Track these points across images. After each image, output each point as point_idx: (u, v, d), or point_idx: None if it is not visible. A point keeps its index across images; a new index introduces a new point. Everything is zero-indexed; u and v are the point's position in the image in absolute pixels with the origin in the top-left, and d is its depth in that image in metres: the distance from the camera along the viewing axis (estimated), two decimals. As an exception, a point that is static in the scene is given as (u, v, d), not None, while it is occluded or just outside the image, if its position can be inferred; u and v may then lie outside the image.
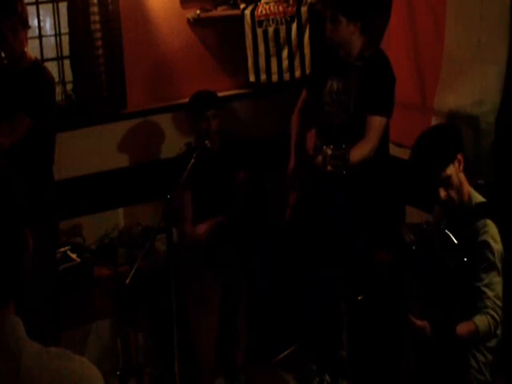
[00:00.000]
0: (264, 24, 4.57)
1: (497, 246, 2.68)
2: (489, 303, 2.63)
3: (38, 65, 3.49)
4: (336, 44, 3.50)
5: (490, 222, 2.71)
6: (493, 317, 2.63)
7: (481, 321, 2.63)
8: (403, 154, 4.12)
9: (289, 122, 3.95)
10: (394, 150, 4.18)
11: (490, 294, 2.64)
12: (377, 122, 3.39)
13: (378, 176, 3.52)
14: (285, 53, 4.60)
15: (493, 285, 2.64)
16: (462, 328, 2.62)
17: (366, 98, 3.39)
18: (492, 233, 2.69)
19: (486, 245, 2.67)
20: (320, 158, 3.17)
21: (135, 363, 3.78)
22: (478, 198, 2.82)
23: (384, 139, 3.52)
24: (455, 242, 2.61)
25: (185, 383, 3.71)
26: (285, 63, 4.62)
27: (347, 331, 3.71)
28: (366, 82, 3.40)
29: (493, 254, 2.66)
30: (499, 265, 2.67)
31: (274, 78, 4.65)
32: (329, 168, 3.10)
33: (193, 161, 3.55)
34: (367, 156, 3.37)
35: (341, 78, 3.53)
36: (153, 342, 4.21)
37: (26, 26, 3.39)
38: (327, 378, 3.75)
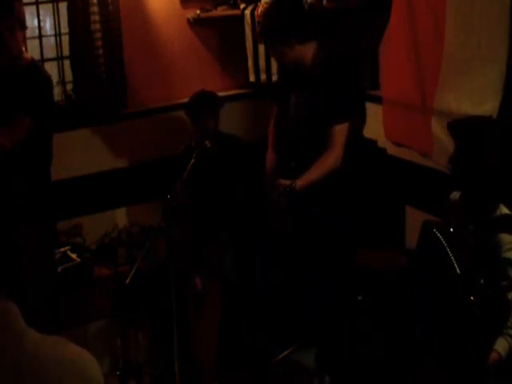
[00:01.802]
0: (264, 24, 4.56)
1: None
2: (508, 323, 2.63)
3: (36, 65, 3.49)
4: (291, 65, 3.51)
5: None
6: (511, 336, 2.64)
7: (502, 346, 2.62)
8: (403, 153, 4.13)
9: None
10: (394, 150, 4.19)
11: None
12: (336, 131, 3.38)
13: (358, 175, 3.54)
14: (285, 53, 4.60)
15: None
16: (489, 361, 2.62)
17: (322, 109, 3.39)
18: None
19: (510, 263, 2.65)
20: (275, 193, 3.35)
21: (135, 363, 3.79)
22: (503, 208, 2.80)
23: (355, 139, 3.51)
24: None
25: (185, 383, 3.72)
26: (285, 63, 4.61)
27: (347, 332, 3.72)
28: (320, 92, 3.40)
29: None
30: None
31: (274, 78, 4.65)
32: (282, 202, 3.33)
33: (193, 161, 3.56)
34: (332, 167, 3.38)
35: (301, 90, 3.54)
36: (153, 342, 4.21)
37: (23, 26, 3.39)
38: (327, 378, 3.75)
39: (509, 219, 2.75)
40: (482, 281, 2.57)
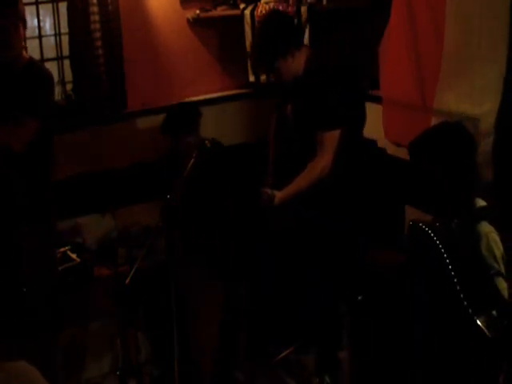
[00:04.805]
0: (264, 24, 4.56)
1: (499, 252, 2.69)
2: None
3: (36, 63, 3.49)
4: (287, 80, 3.53)
5: (491, 228, 2.71)
6: None
7: None
8: (403, 153, 4.12)
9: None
10: (393, 150, 4.19)
11: None
12: (326, 137, 3.41)
13: (356, 178, 3.54)
14: (285, 53, 4.60)
15: (502, 291, 2.66)
16: None
17: (310, 116, 3.42)
18: (495, 239, 2.71)
19: (491, 252, 2.68)
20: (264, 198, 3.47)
21: (135, 363, 3.78)
22: (480, 201, 2.83)
23: (351, 144, 3.51)
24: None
25: (185, 383, 3.71)
26: (285, 63, 4.61)
27: (347, 332, 3.71)
28: (308, 100, 3.43)
29: (496, 260, 2.67)
30: (503, 268, 2.68)
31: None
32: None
33: (192, 161, 3.56)
34: (319, 176, 3.41)
35: (296, 98, 3.57)
36: (153, 342, 4.21)
37: (25, 24, 3.40)
38: (327, 378, 3.75)
39: (487, 210, 2.79)
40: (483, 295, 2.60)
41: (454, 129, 2.89)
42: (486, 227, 2.71)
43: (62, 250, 4.09)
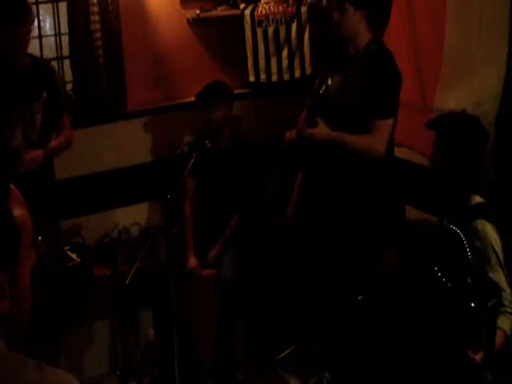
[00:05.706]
0: (264, 24, 4.57)
1: (496, 243, 2.71)
2: (505, 302, 2.67)
3: (37, 59, 3.53)
4: (344, 35, 3.44)
5: (487, 224, 2.73)
6: (511, 313, 2.69)
7: (505, 323, 2.67)
8: (403, 153, 4.13)
9: (288, 122, 3.96)
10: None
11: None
12: (381, 125, 3.34)
13: (380, 176, 3.51)
14: (284, 53, 4.60)
15: (501, 283, 2.68)
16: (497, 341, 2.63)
17: (370, 102, 3.33)
18: (491, 232, 2.73)
19: (489, 248, 2.70)
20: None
21: (135, 363, 3.79)
22: (477, 197, 2.86)
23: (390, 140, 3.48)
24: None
25: (185, 383, 3.72)
26: (284, 63, 4.62)
27: (347, 331, 3.71)
28: (370, 82, 3.34)
29: (496, 254, 2.70)
30: (502, 259, 2.71)
31: (274, 77, 4.65)
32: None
33: (192, 161, 3.57)
34: (367, 148, 3.32)
35: (344, 72, 3.48)
36: (153, 341, 4.21)
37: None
38: (327, 375, 3.75)
39: (483, 207, 2.81)
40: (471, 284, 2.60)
41: (475, 120, 2.91)
42: (481, 222, 2.74)
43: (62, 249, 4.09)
